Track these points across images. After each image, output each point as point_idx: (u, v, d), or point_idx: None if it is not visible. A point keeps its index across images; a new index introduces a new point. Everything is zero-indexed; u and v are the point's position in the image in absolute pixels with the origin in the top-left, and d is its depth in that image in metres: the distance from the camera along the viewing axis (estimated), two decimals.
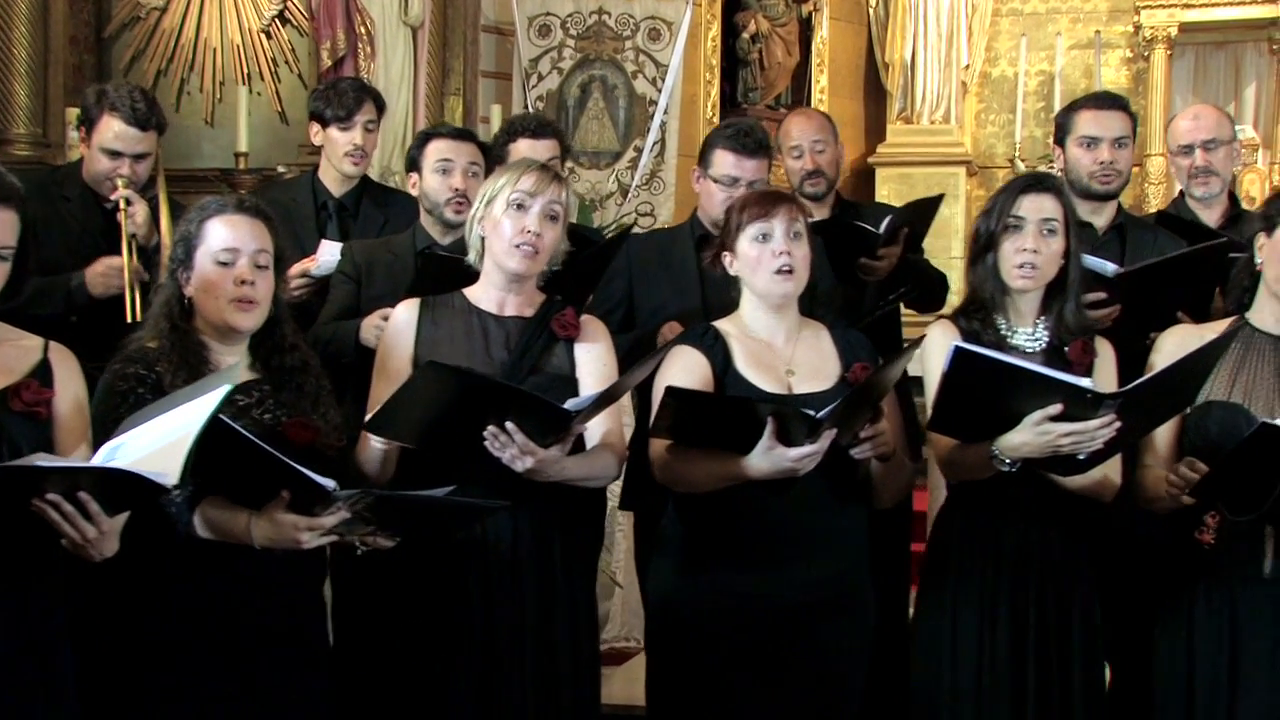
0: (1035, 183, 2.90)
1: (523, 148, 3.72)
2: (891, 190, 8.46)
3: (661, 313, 3.39)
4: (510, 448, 2.53)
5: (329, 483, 2.30)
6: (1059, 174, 3.63)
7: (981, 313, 2.89)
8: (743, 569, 2.75)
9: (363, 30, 5.77)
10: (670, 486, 2.78)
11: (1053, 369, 2.73)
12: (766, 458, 2.55)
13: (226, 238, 2.52)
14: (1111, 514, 2.92)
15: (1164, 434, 2.80)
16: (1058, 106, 8.47)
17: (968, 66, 8.63)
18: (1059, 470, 2.70)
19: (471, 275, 2.90)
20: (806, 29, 8.50)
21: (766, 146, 3.55)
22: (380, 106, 3.95)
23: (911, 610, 3.10)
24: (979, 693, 2.81)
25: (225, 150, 6.65)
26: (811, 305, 3.00)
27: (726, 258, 2.87)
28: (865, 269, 3.63)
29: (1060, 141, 3.68)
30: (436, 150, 3.49)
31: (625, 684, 4.05)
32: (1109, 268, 3.21)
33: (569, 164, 7.23)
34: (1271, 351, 2.78)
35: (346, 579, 3.34)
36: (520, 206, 2.77)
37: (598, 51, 7.25)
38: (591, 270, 3.27)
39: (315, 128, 3.86)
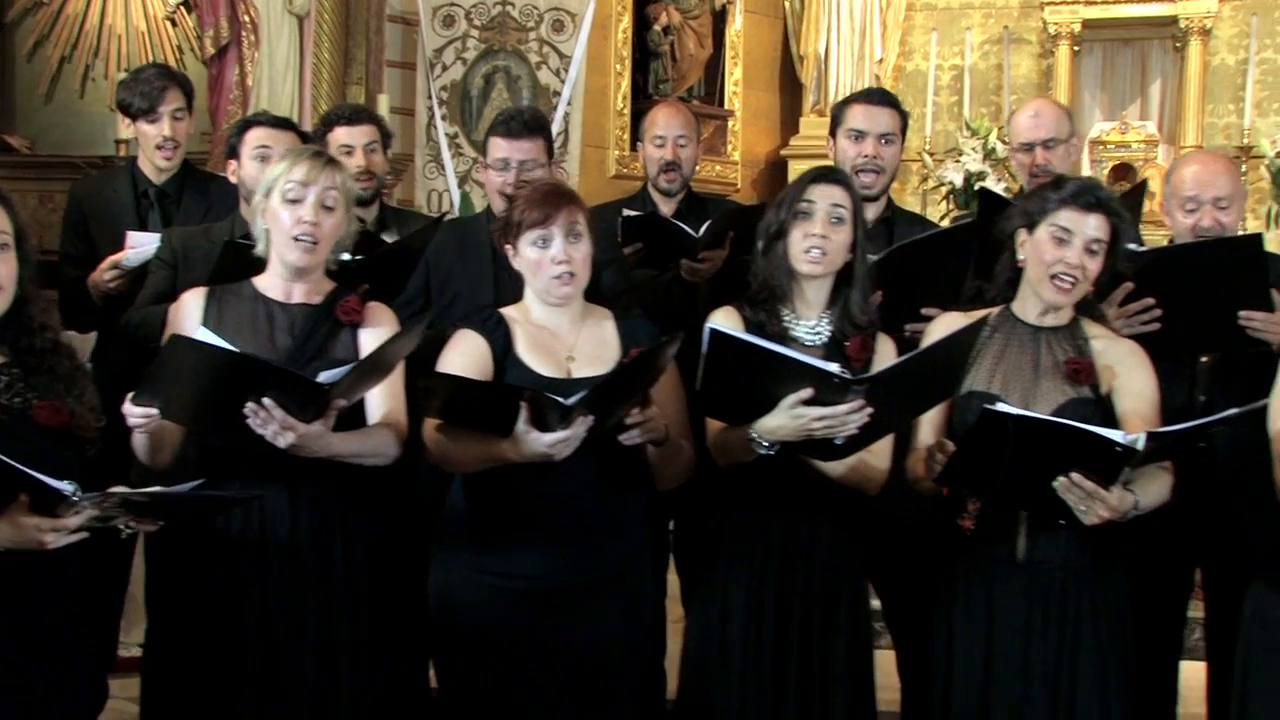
0: (826, 174, 2.97)
1: (340, 135, 3.82)
2: None
3: (457, 302, 3.45)
4: (271, 423, 2.57)
5: (66, 487, 2.27)
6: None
7: (769, 302, 2.93)
8: (518, 552, 2.79)
9: (246, 19, 5.79)
10: (441, 466, 2.83)
11: (817, 357, 2.81)
12: (523, 442, 2.60)
13: None
14: (885, 500, 3.00)
15: (933, 422, 2.87)
16: (968, 102, 8.61)
17: (881, 60, 8.73)
18: (818, 455, 2.75)
19: None
20: (720, 22, 8.57)
21: (537, 129, 3.63)
22: (188, 93, 3.96)
23: None
24: (743, 679, 2.87)
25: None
26: (595, 296, 3.06)
27: (509, 250, 2.93)
28: (689, 270, 3.69)
29: (834, 133, 3.78)
30: (255, 138, 3.54)
31: None
32: None
33: (473, 154, 7.35)
34: (1030, 342, 2.87)
35: (156, 575, 3.43)
36: (294, 199, 2.81)
37: (501, 42, 7.30)
38: (399, 262, 3.33)
39: (126, 119, 3.90)
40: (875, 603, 3.42)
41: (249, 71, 5.80)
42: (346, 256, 2.98)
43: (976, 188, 7.38)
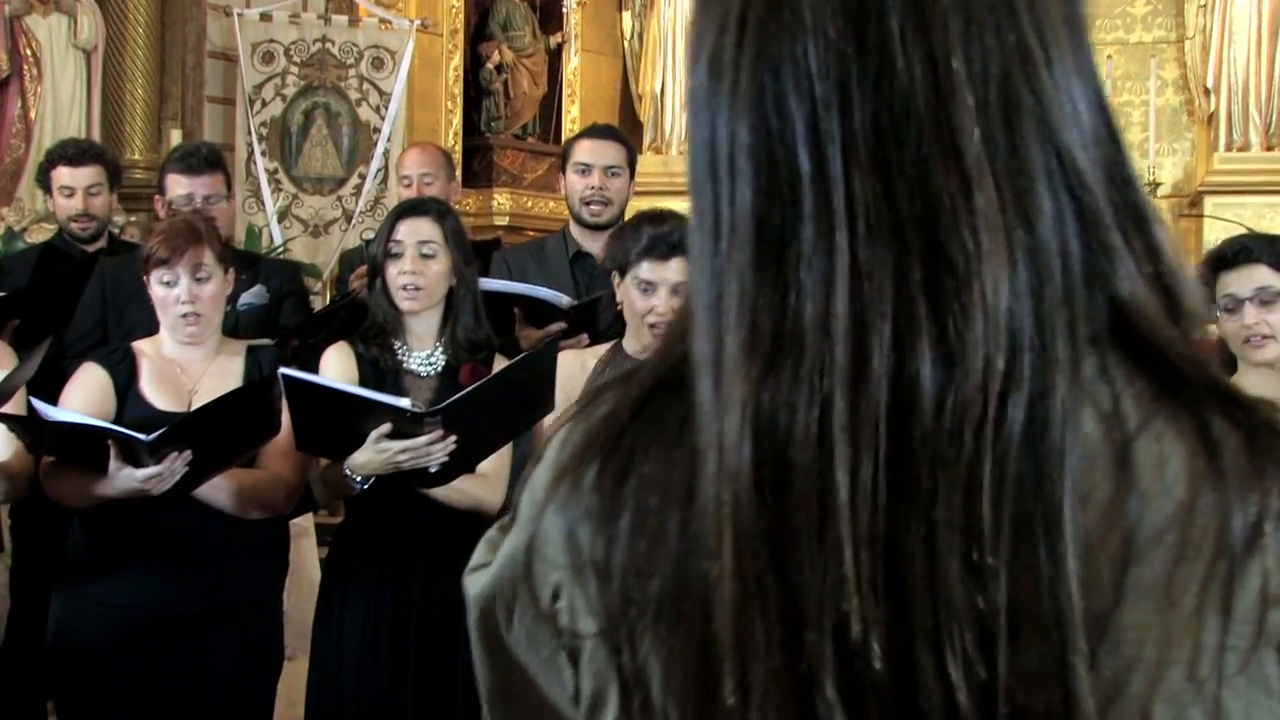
0: (411, 209, 3.04)
1: (62, 175, 3.88)
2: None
3: (134, 335, 3.45)
4: None
5: None
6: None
7: (381, 337, 2.98)
8: (138, 581, 2.83)
9: (28, 51, 5.82)
10: (58, 500, 2.87)
11: (431, 387, 2.90)
12: (117, 478, 2.65)
13: None
14: None
15: None
16: None
17: None
18: (418, 483, 2.81)
19: None
20: (556, 60, 8.67)
21: (217, 164, 3.73)
22: None
23: None
24: (359, 717, 2.90)
25: None
26: (235, 328, 3.12)
27: (147, 281, 2.95)
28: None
29: (564, 170, 3.90)
30: None
31: None
32: (563, 300, 3.39)
33: (293, 190, 7.40)
34: None
35: None
36: None
37: (321, 79, 7.36)
38: (54, 296, 3.38)
39: None
40: None
41: (32, 105, 5.82)
42: None
43: None
